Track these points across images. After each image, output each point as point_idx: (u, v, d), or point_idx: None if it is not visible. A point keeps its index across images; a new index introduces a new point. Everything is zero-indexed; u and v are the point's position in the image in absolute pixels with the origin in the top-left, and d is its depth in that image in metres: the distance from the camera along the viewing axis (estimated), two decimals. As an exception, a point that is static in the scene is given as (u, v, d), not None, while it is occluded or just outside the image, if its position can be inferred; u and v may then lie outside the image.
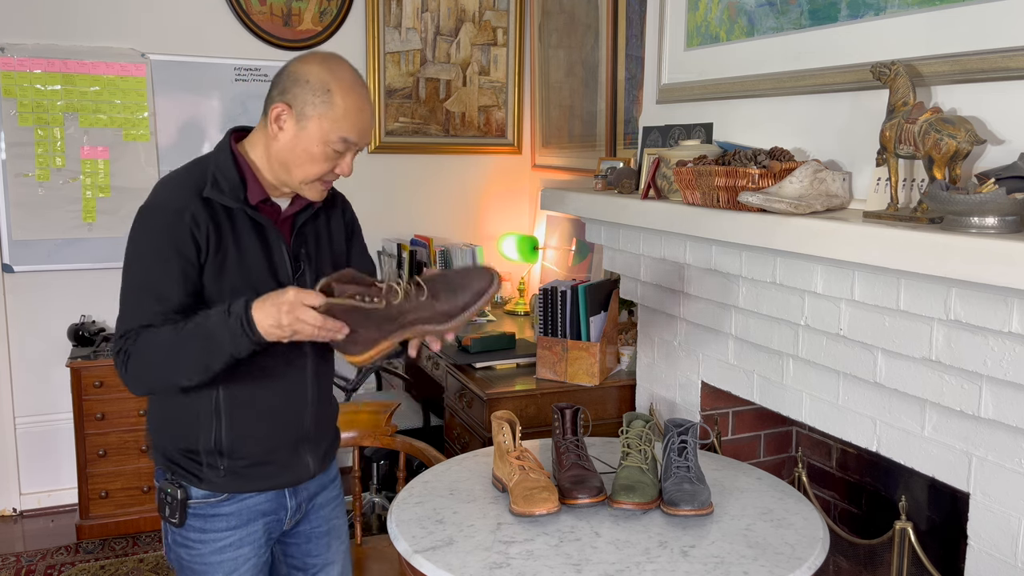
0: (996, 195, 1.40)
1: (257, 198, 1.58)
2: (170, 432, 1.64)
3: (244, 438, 1.61)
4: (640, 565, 1.56)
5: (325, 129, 1.52)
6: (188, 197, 1.53)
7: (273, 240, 1.60)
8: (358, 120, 1.54)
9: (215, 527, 1.63)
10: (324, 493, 1.81)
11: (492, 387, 2.72)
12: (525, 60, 4.40)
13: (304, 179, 1.56)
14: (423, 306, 1.48)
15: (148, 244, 1.53)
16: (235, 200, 1.55)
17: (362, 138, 1.57)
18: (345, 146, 1.55)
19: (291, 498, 1.71)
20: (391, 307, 1.47)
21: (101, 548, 3.46)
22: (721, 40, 2.38)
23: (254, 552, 1.68)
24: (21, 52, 3.59)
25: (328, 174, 1.58)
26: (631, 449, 1.86)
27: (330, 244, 1.72)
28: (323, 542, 1.81)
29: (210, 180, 1.55)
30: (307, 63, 1.55)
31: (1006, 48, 1.58)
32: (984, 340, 1.53)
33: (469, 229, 4.40)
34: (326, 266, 1.69)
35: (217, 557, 1.64)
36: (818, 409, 1.99)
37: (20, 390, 3.77)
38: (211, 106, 3.89)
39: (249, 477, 1.63)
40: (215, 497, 1.63)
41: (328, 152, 1.54)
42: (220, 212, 1.55)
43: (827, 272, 1.83)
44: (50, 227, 3.69)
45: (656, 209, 2.21)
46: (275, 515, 1.70)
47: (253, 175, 1.59)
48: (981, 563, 1.63)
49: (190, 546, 1.64)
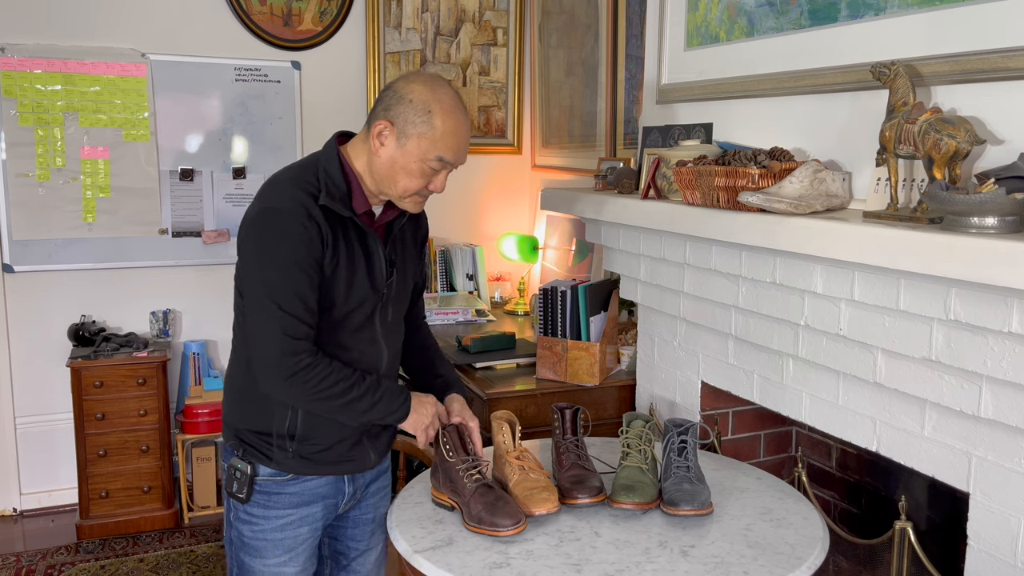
0: (996, 195, 1.40)
1: (362, 208, 1.66)
2: (244, 413, 1.73)
3: (316, 428, 1.71)
4: (640, 565, 1.56)
5: (424, 148, 1.61)
6: (310, 203, 1.59)
7: (373, 247, 1.69)
8: (455, 142, 1.63)
9: (279, 504, 1.73)
10: (377, 481, 1.91)
11: (492, 387, 2.72)
12: (525, 60, 4.40)
13: (403, 193, 1.66)
14: (471, 494, 1.70)
15: (287, 251, 1.57)
16: (345, 208, 1.63)
17: (458, 158, 1.65)
18: (441, 165, 1.63)
19: (349, 484, 1.81)
20: (458, 473, 1.73)
21: (101, 548, 3.46)
22: (721, 40, 2.38)
23: (311, 533, 1.78)
24: (21, 52, 3.59)
25: (423, 189, 1.66)
26: (631, 449, 1.86)
27: (414, 251, 1.84)
28: (367, 529, 1.92)
29: (324, 188, 1.61)
30: (412, 83, 1.63)
31: (1006, 48, 1.58)
32: (984, 340, 1.53)
33: (469, 229, 4.40)
34: (409, 273, 1.81)
35: (279, 534, 1.73)
36: (818, 409, 1.99)
37: (20, 390, 3.78)
38: (211, 106, 3.89)
39: (316, 462, 1.73)
40: (281, 476, 1.72)
41: (425, 169, 1.63)
42: (335, 220, 1.63)
43: (827, 272, 1.83)
44: (50, 227, 3.70)
45: (656, 209, 2.21)
46: (333, 499, 1.80)
47: (359, 185, 1.67)
48: (981, 563, 1.63)
49: (253, 522, 1.73)
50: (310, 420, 1.70)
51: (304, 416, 1.69)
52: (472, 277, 4.10)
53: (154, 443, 3.58)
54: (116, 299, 3.86)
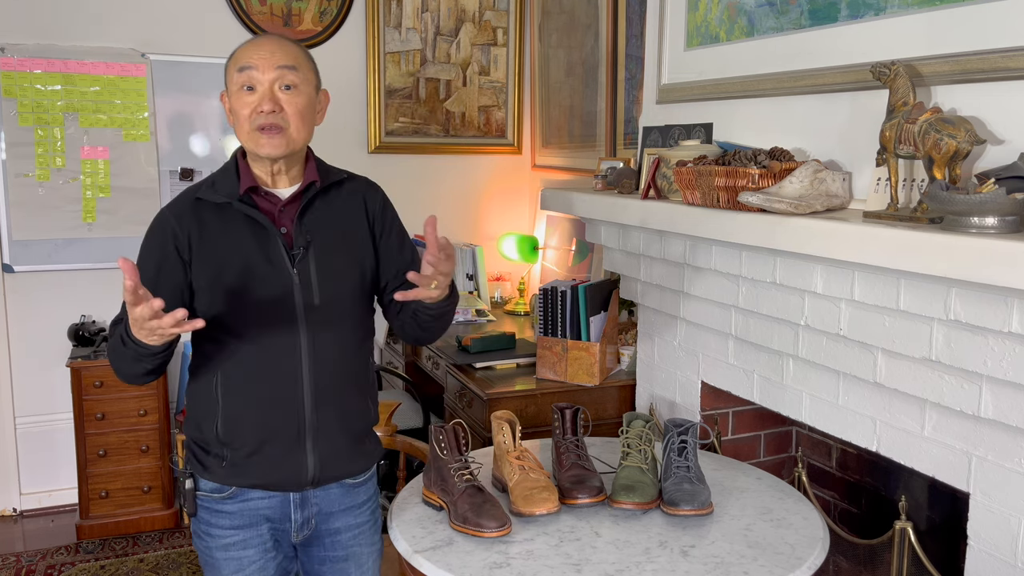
0: (996, 195, 1.40)
1: (248, 184, 1.64)
2: (189, 421, 1.72)
3: (239, 424, 1.64)
4: (640, 565, 1.56)
5: (230, 76, 1.63)
6: (179, 205, 1.67)
7: (265, 227, 1.64)
8: (245, 49, 1.63)
9: (220, 524, 1.68)
10: (343, 517, 1.74)
11: (492, 387, 2.72)
12: (525, 60, 4.40)
13: (246, 128, 1.62)
14: (460, 494, 1.72)
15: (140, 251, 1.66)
16: (225, 196, 1.64)
17: (252, 59, 1.60)
18: (245, 77, 1.60)
19: (296, 509, 1.70)
20: (449, 472, 1.76)
21: (101, 548, 3.46)
22: (721, 40, 2.38)
23: (260, 555, 1.69)
24: (21, 52, 3.59)
25: (255, 116, 1.60)
26: (631, 449, 1.86)
27: (341, 232, 1.71)
28: (339, 567, 1.76)
29: (212, 182, 1.67)
30: None
31: (1006, 48, 1.58)
32: (984, 340, 1.53)
33: (469, 229, 4.39)
34: (334, 253, 1.68)
35: (222, 554, 1.68)
36: (818, 409, 1.99)
37: (20, 390, 3.77)
38: (211, 106, 3.88)
39: (246, 468, 1.65)
40: (220, 492, 1.67)
41: (240, 91, 1.61)
42: (210, 209, 1.64)
43: (827, 272, 1.83)
44: (50, 227, 3.69)
45: (656, 209, 2.21)
46: (280, 524, 1.70)
47: (245, 165, 1.68)
48: (981, 563, 1.63)
49: (201, 537, 1.71)
50: (230, 416, 1.64)
51: (224, 414, 1.63)
52: (472, 277, 4.10)
53: (154, 443, 3.57)
54: (116, 299, 3.83)
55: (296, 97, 1.61)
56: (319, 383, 1.66)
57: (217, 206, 1.64)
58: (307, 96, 1.64)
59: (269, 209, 1.66)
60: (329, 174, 1.73)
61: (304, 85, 1.63)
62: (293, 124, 1.61)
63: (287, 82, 1.60)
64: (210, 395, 1.65)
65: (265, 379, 1.63)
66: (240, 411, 1.64)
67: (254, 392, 1.63)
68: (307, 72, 1.65)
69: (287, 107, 1.60)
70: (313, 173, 1.69)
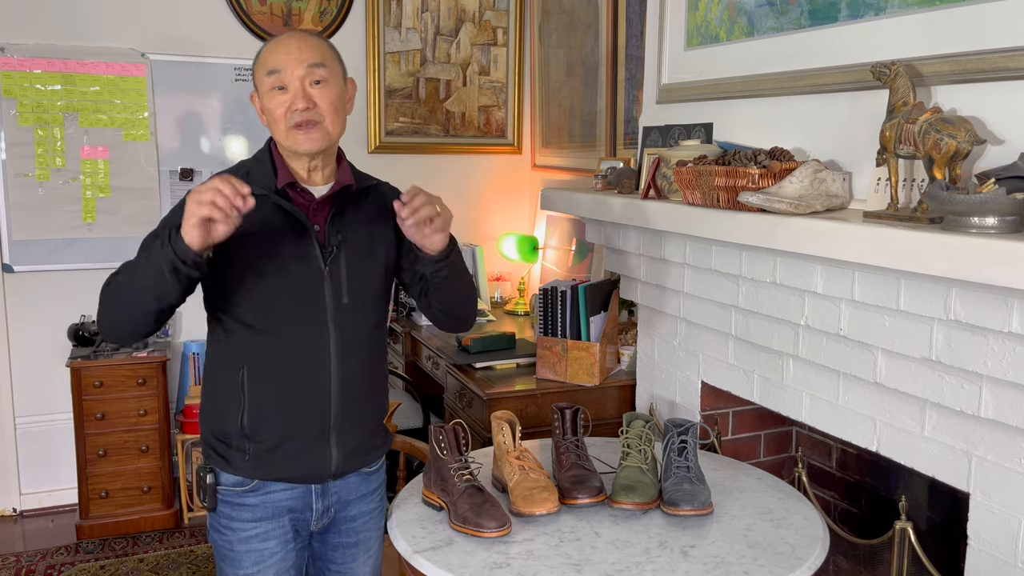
0: (996, 195, 1.40)
1: (285, 180, 1.66)
2: (208, 415, 1.72)
3: (265, 417, 1.66)
4: (640, 565, 1.56)
5: (260, 78, 1.64)
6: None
7: (300, 221, 1.66)
8: (271, 53, 1.63)
9: (241, 517, 1.69)
10: (359, 504, 1.80)
11: (492, 387, 2.72)
12: (525, 60, 4.40)
13: (282, 127, 1.63)
14: (460, 494, 1.71)
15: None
16: (263, 187, 1.64)
17: (280, 62, 1.62)
18: (275, 79, 1.62)
19: (318, 499, 1.73)
20: (449, 472, 1.75)
21: (101, 548, 3.46)
22: (721, 40, 2.38)
23: (281, 546, 1.72)
24: (21, 52, 3.59)
25: (290, 115, 1.62)
26: (631, 449, 1.86)
27: (369, 233, 1.75)
28: (349, 553, 1.82)
29: (246, 173, 1.66)
30: None
31: (1006, 48, 1.58)
32: (984, 340, 1.53)
33: (469, 229, 4.39)
34: (363, 254, 1.72)
35: (243, 547, 1.70)
36: (818, 409, 1.99)
37: (20, 390, 3.77)
38: (211, 106, 3.89)
39: (271, 462, 1.67)
40: (242, 486, 1.68)
41: (272, 92, 1.63)
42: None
43: (827, 272, 1.83)
44: (50, 227, 3.69)
45: (656, 209, 2.21)
46: (301, 513, 1.73)
47: (281, 161, 1.69)
48: (981, 563, 1.63)
49: (220, 531, 1.72)
50: (256, 410, 1.65)
51: (250, 407, 1.65)
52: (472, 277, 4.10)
53: (154, 443, 3.57)
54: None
55: (327, 91, 1.64)
56: (346, 380, 1.70)
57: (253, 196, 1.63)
58: (337, 88, 1.67)
59: (304, 205, 1.68)
60: (362, 179, 1.78)
61: (333, 78, 1.66)
62: (328, 117, 1.64)
63: (316, 78, 1.63)
64: (235, 388, 1.66)
65: (294, 374, 1.66)
66: (267, 405, 1.66)
67: (283, 386, 1.66)
68: (333, 64, 1.67)
69: (320, 102, 1.63)
70: (347, 175, 1.72)
